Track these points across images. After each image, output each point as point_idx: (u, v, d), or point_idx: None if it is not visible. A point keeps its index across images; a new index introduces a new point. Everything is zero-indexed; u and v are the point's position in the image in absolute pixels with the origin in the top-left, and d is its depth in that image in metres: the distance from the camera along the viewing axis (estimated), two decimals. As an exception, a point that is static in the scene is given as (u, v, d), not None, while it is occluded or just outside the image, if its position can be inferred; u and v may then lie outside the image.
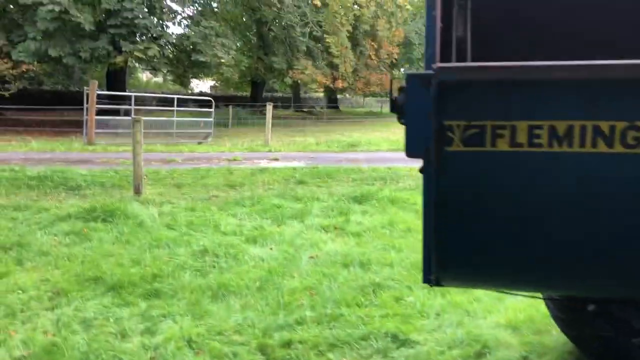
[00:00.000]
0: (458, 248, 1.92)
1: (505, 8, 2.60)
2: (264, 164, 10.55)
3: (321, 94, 48.39)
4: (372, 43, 32.76)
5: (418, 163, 1.91)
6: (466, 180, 1.84)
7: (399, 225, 6.14)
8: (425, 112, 1.83)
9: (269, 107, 13.98)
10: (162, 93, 40.89)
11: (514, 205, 1.82)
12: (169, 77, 35.69)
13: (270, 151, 12.41)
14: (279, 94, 51.84)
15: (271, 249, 5.42)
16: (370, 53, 32.62)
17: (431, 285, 2.14)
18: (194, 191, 8.11)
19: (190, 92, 40.74)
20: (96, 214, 6.16)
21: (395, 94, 2.34)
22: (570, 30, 2.48)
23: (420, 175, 1.93)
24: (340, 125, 25.86)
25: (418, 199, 7.31)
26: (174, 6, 19.52)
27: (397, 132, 22.27)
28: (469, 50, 2.22)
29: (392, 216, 6.53)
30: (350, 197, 7.44)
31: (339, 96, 47.92)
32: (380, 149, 13.04)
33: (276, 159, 11.14)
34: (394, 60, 36.61)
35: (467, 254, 1.92)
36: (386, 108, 42.79)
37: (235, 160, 10.91)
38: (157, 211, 6.77)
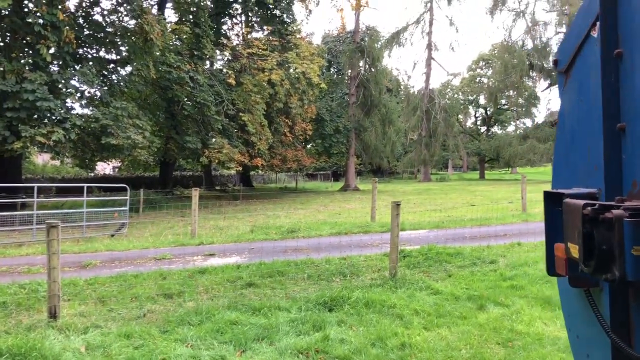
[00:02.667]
0: None
1: None
2: (199, 262, 9.22)
3: (232, 171, 47.42)
4: (286, 120, 32.73)
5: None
6: None
7: (391, 341, 5.16)
8: None
9: (195, 193, 12.67)
10: (62, 178, 38.08)
11: None
12: (70, 161, 33.25)
13: (201, 244, 11.07)
14: (188, 173, 50.28)
15: (248, 393, 4.22)
16: (285, 130, 32.49)
17: None
18: (123, 306, 6.67)
19: (93, 175, 38.21)
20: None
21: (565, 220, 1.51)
22: None
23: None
24: (261, 205, 24.80)
25: (395, 301, 6.42)
26: (80, 86, 18.01)
27: (322, 211, 21.66)
28: None
29: (376, 328, 5.54)
30: (318, 302, 6.37)
31: (251, 172, 47.21)
32: (322, 234, 12.10)
33: (212, 255, 9.85)
34: (307, 137, 36.83)
35: None
36: (302, 183, 42.90)
37: (164, 259, 9.49)
38: (82, 342, 5.32)
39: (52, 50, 16.53)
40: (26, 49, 16.73)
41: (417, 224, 13.76)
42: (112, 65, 21.29)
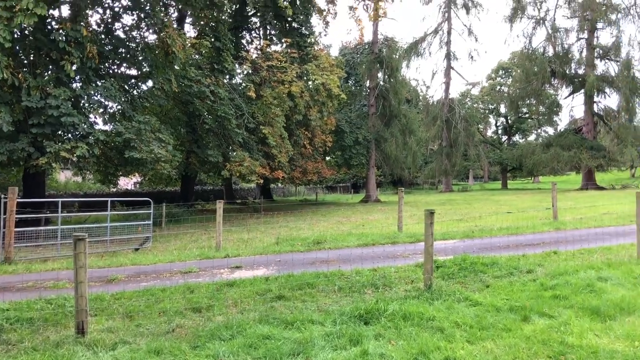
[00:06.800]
0: None
1: None
2: (226, 275, 9.02)
3: (252, 184, 47.39)
4: (306, 132, 32.62)
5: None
6: None
7: (434, 356, 4.87)
8: None
9: (220, 205, 12.52)
10: (85, 194, 38.39)
11: None
12: (92, 177, 33.49)
13: (227, 257, 10.87)
14: (209, 187, 50.38)
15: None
16: (305, 142, 32.37)
17: None
18: (151, 321, 6.48)
19: (115, 190, 38.44)
20: (30, 379, 4.46)
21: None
22: None
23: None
24: (283, 217, 24.63)
25: (434, 313, 6.12)
26: (103, 101, 18.07)
27: (344, 223, 21.38)
28: None
29: (417, 342, 5.24)
30: (353, 315, 6.11)
31: (271, 185, 47.16)
32: (349, 245, 11.84)
33: (239, 267, 9.64)
34: (327, 149, 36.65)
35: None
36: (322, 195, 43.21)
37: (191, 272, 9.31)
38: (111, 359, 5.13)
39: (74, 67, 16.63)
40: (50, 65, 16.84)
41: (446, 233, 13.42)
42: (133, 80, 21.39)
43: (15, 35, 15.93)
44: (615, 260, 9.05)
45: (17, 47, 16.82)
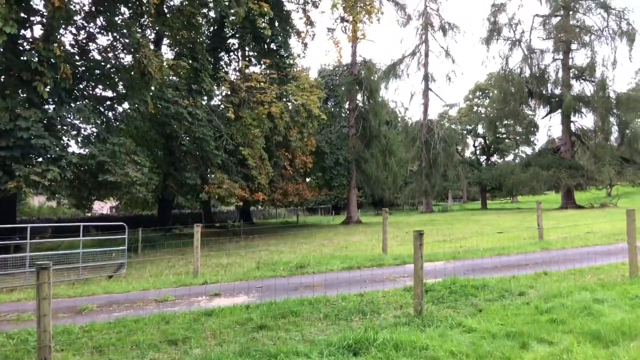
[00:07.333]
0: None
1: None
2: (204, 303, 8.53)
3: (231, 207, 46.77)
4: (286, 153, 32.27)
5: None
6: None
7: (432, 390, 4.48)
8: None
9: (197, 229, 12.03)
10: (59, 219, 37.38)
11: None
12: (66, 201, 32.57)
13: (205, 283, 10.35)
14: (187, 211, 49.55)
15: None
16: (285, 163, 32.01)
17: None
18: (122, 356, 5.98)
19: (90, 215, 37.49)
20: None
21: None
22: None
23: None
24: (264, 240, 24.10)
25: (427, 341, 5.72)
26: (77, 123, 17.51)
27: (327, 245, 20.96)
28: None
29: (412, 374, 4.85)
30: (341, 346, 5.68)
31: (250, 208, 46.56)
32: (334, 269, 11.41)
33: (218, 295, 9.15)
34: (307, 170, 36.32)
35: None
36: (303, 217, 42.90)
37: (166, 301, 8.79)
38: (76, 402, 4.64)
39: (48, 88, 16.10)
40: (20, 86, 16.25)
41: (431, 255, 13.08)
42: (108, 102, 20.87)
43: (-16, 56, 15.42)
44: (608, 280, 8.79)
45: (-14, 68, 16.29)
